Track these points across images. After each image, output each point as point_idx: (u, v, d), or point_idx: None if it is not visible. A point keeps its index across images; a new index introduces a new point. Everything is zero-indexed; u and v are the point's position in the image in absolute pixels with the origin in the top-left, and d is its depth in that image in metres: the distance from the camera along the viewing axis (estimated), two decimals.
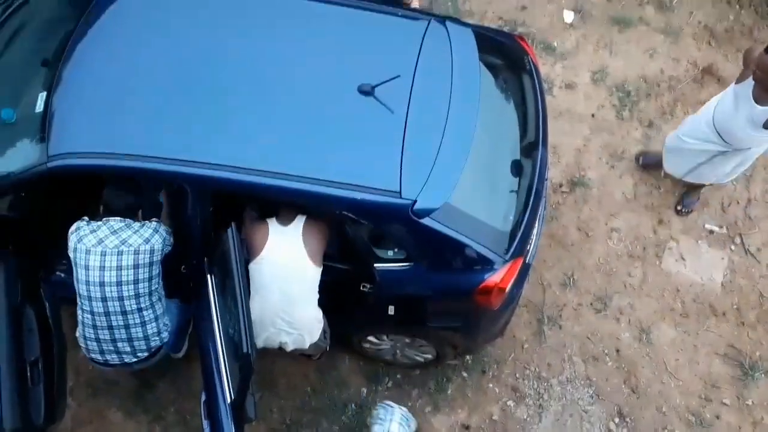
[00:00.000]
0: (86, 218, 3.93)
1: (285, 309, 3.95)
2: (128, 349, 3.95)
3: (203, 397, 3.79)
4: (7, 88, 4.19)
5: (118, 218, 3.88)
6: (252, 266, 3.90)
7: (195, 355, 4.59)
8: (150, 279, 3.89)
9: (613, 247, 5.31)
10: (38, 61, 4.14)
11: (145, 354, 4.01)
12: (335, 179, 3.67)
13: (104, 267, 3.81)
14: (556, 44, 6.03)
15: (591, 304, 5.14)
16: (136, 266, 3.83)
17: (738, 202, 5.46)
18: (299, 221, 3.92)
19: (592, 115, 5.75)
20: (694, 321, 5.11)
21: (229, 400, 3.65)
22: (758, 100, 4.28)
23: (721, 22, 6.13)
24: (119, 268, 3.81)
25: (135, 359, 4.01)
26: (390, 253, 3.93)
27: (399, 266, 3.94)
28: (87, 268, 3.82)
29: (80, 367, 4.76)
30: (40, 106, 3.92)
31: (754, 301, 5.18)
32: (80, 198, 4.66)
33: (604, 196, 5.46)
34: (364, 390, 4.83)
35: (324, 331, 4.22)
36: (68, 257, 4.57)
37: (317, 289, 3.98)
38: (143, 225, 3.90)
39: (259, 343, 4.04)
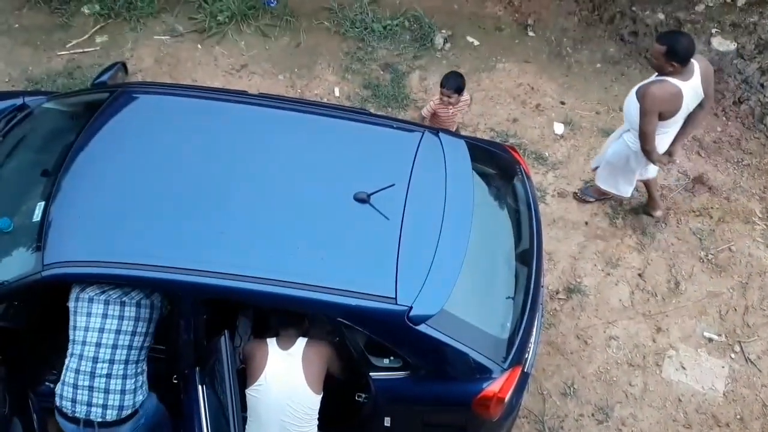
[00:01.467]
0: None
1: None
2: (101, 401, 3.80)
3: None
4: (6, 198, 4.24)
5: None
6: (249, 392, 3.83)
7: None
8: (146, 335, 3.87)
9: (612, 355, 5.24)
10: (38, 172, 4.21)
11: (114, 415, 3.83)
12: (331, 285, 3.66)
13: (106, 314, 3.79)
14: (547, 154, 6.16)
15: (592, 414, 5.02)
16: (137, 318, 3.82)
17: (735, 310, 5.44)
18: (300, 345, 3.87)
19: (586, 223, 5.81)
20: None
21: None
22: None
23: (709, 134, 6.29)
24: (121, 317, 3.80)
25: (101, 419, 3.83)
26: (386, 361, 3.87)
27: (395, 375, 3.87)
28: (89, 314, 3.80)
29: None
30: (37, 216, 3.95)
31: (757, 411, 5.07)
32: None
33: (601, 303, 5.44)
34: None
35: None
36: (58, 369, 4.50)
37: (316, 417, 3.90)
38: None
39: None
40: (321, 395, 3.87)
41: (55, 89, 6.15)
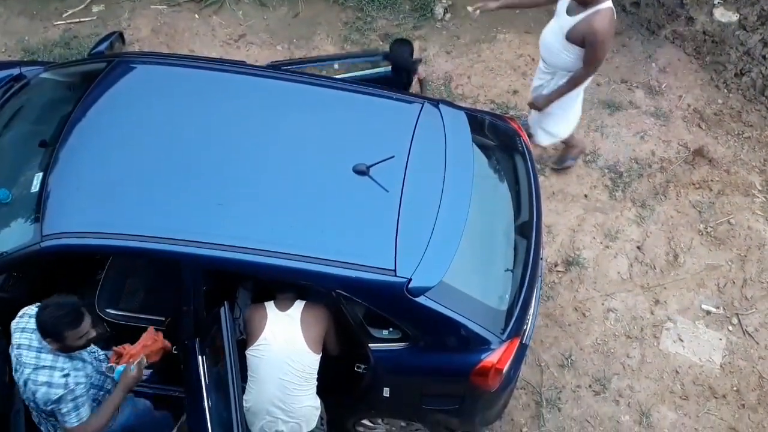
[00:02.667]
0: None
1: (282, 398, 3.88)
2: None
3: None
4: (4, 169, 4.22)
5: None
6: (249, 352, 3.84)
7: None
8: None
9: (610, 327, 5.26)
10: (36, 143, 4.18)
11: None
12: (330, 257, 3.67)
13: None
14: None
15: (590, 386, 5.05)
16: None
17: (734, 282, 5.45)
18: (298, 306, 3.89)
19: (585, 196, 5.80)
20: (694, 403, 5.02)
21: None
22: (569, 11, 4.79)
23: (710, 105, 6.26)
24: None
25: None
26: (385, 332, 3.88)
27: (394, 346, 3.89)
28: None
29: None
30: (36, 187, 3.94)
31: (754, 382, 5.10)
32: (72, 280, 4.64)
33: (600, 275, 5.45)
34: None
35: (321, 417, 4.13)
36: None
37: (315, 377, 3.92)
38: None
39: (254, 431, 3.94)
40: (320, 355, 3.89)
41: (51, 59, 6.10)
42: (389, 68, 5.09)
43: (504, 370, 3.91)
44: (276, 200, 3.86)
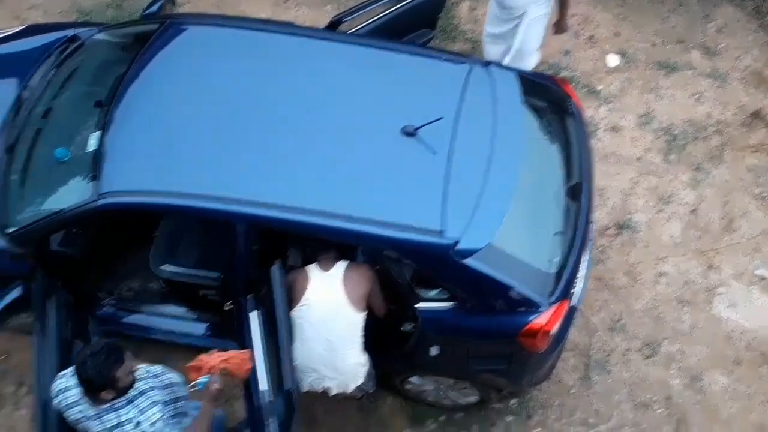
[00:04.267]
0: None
1: (328, 356, 3.95)
2: None
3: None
4: (62, 129, 4.33)
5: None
6: (293, 313, 3.90)
7: (239, 393, 4.61)
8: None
9: (661, 291, 5.20)
10: (92, 103, 4.28)
11: None
12: (378, 218, 3.69)
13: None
14: (600, 88, 6.02)
15: (640, 349, 5.02)
16: None
17: None
18: (340, 267, 3.92)
19: (639, 158, 5.70)
20: (747, 369, 4.95)
21: None
22: None
23: None
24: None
25: None
26: (432, 293, 3.91)
27: (441, 307, 3.91)
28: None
29: None
30: (92, 146, 4.03)
31: None
32: (129, 236, 4.77)
33: (652, 239, 5.38)
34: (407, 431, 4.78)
35: (368, 374, 4.20)
36: (115, 293, 4.67)
37: (360, 335, 3.96)
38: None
39: (303, 387, 4.02)
40: (364, 314, 3.92)
41: (105, 21, 6.19)
42: None
43: (552, 332, 3.92)
44: (325, 161, 3.88)
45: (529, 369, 4.28)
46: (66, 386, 3.40)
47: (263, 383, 3.78)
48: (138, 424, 3.33)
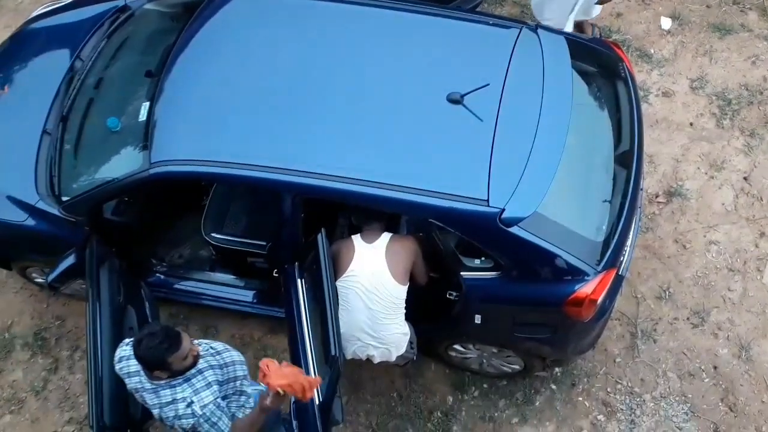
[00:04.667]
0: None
1: (371, 326, 3.99)
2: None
3: (293, 399, 3.87)
4: (113, 98, 4.42)
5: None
6: (339, 283, 3.94)
7: (286, 359, 4.71)
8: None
9: (711, 260, 5.12)
10: (142, 72, 4.35)
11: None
12: (423, 187, 3.69)
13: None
14: (652, 51, 5.89)
15: (688, 318, 4.96)
16: None
17: None
18: (384, 239, 3.95)
19: (691, 124, 5.58)
20: None
21: (317, 402, 3.72)
22: None
23: None
24: None
25: None
26: (477, 261, 3.91)
27: (486, 275, 3.92)
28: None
29: None
30: (143, 115, 4.11)
31: None
32: (180, 205, 4.87)
33: (703, 207, 5.28)
34: (450, 398, 4.82)
35: (411, 342, 4.24)
36: (166, 260, 4.76)
37: (403, 306, 4.00)
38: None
39: (347, 354, 4.08)
40: (406, 286, 3.95)
41: None
42: None
43: (598, 301, 3.89)
44: (371, 129, 3.89)
45: (574, 338, 4.28)
46: (128, 354, 3.48)
47: (309, 348, 3.85)
48: (190, 404, 3.37)
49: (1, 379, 4.98)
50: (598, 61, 4.50)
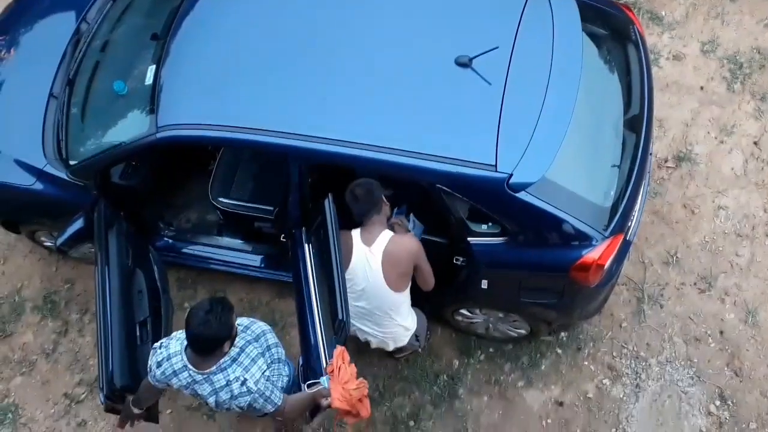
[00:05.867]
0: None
1: (371, 319, 4.01)
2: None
3: (301, 362, 3.90)
4: (119, 62, 4.39)
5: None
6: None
7: (293, 323, 4.75)
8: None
9: (720, 225, 5.10)
10: (148, 36, 4.31)
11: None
12: (430, 152, 3.67)
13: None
14: (663, 14, 5.80)
15: (695, 283, 4.97)
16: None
17: None
18: (382, 241, 3.81)
19: (701, 88, 5.52)
20: None
21: (325, 365, 3.75)
22: None
23: None
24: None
25: None
26: (484, 227, 3.91)
27: (493, 240, 3.91)
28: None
29: None
30: (149, 79, 4.08)
31: None
32: (188, 169, 4.87)
33: (712, 172, 5.25)
34: (456, 362, 4.85)
35: (416, 335, 4.25)
36: (174, 224, 4.76)
37: (404, 305, 3.99)
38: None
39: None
40: (405, 291, 3.92)
41: None
42: None
43: (605, 266, 3.89)
44: (378, 94, 3.86)
45: (581, 302, 4.29)
46: (168, 354, 3.43)
47: (317, 312, 3.87)
48: (244, 381, 3.39)
49: (11, 342, 5.04)
50: (609, 23, 4.44)
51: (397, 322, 4.05)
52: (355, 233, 3.90)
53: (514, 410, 4.71)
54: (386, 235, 3.85)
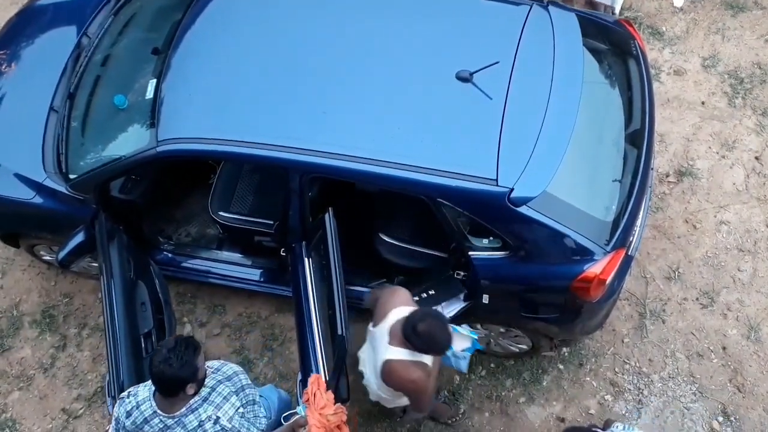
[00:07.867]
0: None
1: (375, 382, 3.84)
2: None
3: (299, 377, 3.87)
4: (119, 76, 4.39)
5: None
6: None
7: (292, 338, 4.72)
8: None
9: (722, 240, 5.09)
10: (149, 50, 4.32)
11: None
12: (431, 166, 3.67)
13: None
14: (664, 29, 5.81)
15: (697, 298, 4.94)
16: None
17: None
18: (386, 324, 3.59)
19: (702, 103, 5.52)
20: None
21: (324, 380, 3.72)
22: None
23: None
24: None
25: None
26: (485, 241, 3.89)
27: (494, 255, 3.90)
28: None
29: None
30: (150, 93, 4.08)
31: None
32: (188, 183, 4.86)
33: (714, 187, 5.24)
34: (457, 377, 4.81)
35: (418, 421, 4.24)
36: (174, 238, 4.75)
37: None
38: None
39: None
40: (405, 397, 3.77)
41: None
42: None
43: (607, 281, 3.88)
44: (379, 108, 3.86)
45: (583, 318, 4.25)
46: (137, 402, 3.39)
47: (316, 327, 3.85)
48: (217, 420, 3.35)
49: (9, 356, 5.02)
50: (610, 38, 4.45)
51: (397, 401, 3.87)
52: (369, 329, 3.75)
53: (516, 426, 4.67)
54: (396, 311, 3.59)
